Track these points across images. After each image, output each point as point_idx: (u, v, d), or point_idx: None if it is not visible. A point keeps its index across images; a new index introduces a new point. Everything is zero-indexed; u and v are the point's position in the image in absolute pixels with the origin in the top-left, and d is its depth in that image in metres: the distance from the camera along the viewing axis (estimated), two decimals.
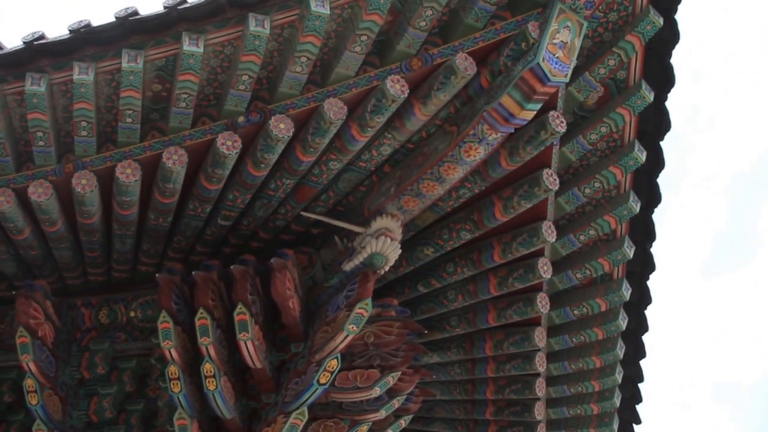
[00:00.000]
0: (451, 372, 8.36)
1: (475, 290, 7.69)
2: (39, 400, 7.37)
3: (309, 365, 7.12)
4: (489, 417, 8.76)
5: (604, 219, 7.60)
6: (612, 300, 8.06)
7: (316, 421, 7.45)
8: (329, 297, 7.39)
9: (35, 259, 7.54)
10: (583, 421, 9.07)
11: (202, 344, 6.99)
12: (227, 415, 7.18)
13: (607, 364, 8.52)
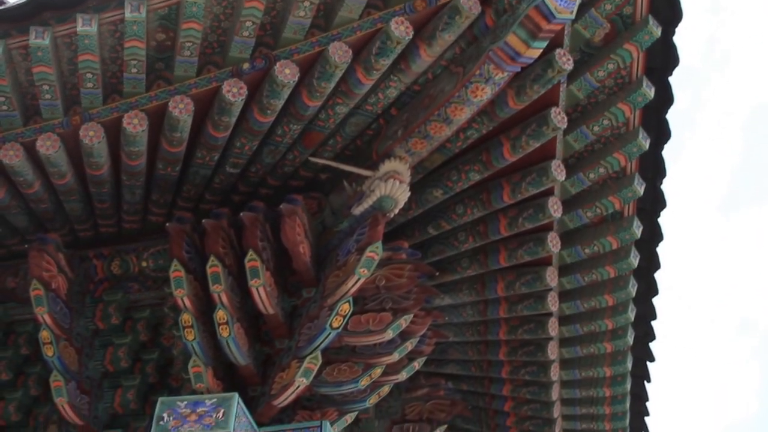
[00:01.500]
0: (463, 313, 8.37)
1: (486, 231, 7.67)
2: (55, 351, 7.45)
3: (321, 310, 7.15)
4: (502, 357, 8.80)
5: (613, 156, 7.55)
6: (623, 238, 8.04)
7: (329, 365, 7.50)
8: (339, 241, 7.40)
9: (46, 213, 7.57)
10: (596, 359, 9.09)
11: (215, 292, 7.02)
12: (241, 362, 7.24)
13: (619, 302, 8.52)
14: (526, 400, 9.30)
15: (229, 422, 6.70)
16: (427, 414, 9.28)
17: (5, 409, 8.23)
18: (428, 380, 9.35)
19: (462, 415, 9.55)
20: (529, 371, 8.90)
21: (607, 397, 9.53)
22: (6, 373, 8.26)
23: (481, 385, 9.28)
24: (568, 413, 9.61)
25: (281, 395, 7.14)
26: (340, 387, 7.51)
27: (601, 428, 9.88)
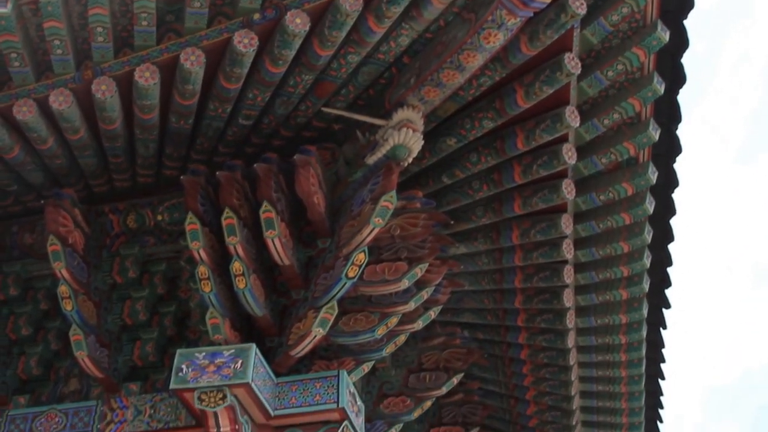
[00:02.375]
0: (478, 262, 8.37)
1: (500, 179, 7.65)
2: (74, 305, 7.50)
3: (336, 260, 7.17)
4: (518, 306, 8.81)
5: (628, 102, 7.49)
6: (638, 184, 8.01)
7: (346, 315, 7.54)
8: (354, 191, 7.40)
9: (61, 168, 7.59)
10: (612, 306, 9.10)
11: (230, 243, 7.04)
12: (258, 313, 7.28)
13: (635, 249, 8.50)
14: (541, 347, 9.33)
15: (248, 372, 6.76)
16: (444, 363, 9.31)
17: (26, 363, 8.32)
18: (444, 329, 9.38)
19: (478, 363, 9.60)
20: (545, 319, 8.91)
21: (622, 344, 9.55)
22: (26, 329, 8.34)
23: (497, 334, 9.31)
24: (584, 360, 9.64)
25: (298, 345, 7.19)
26: (357, 336, 7.55)
27: (616, 375, 9.91)
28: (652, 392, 10.77)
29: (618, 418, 10.59)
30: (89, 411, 7.85)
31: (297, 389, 7.27)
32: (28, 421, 7.96)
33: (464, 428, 10.06)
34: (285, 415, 7.20)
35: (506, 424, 10.78)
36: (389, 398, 9.16)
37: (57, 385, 8.33)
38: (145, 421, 7.64)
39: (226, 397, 6.70)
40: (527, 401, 10.18)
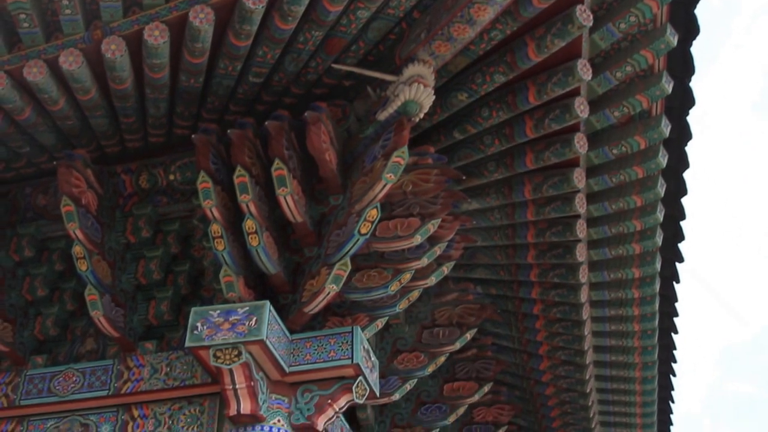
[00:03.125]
0: (490, 217, 8.36)
1: (512, 134, 7.61)
2: (88, 265, 7.55)
3: (349, 216, 7.18)
4: (530, 261, 8.81)
5: (640, 54, 7.40)
6: (651, 137, 7.95)
7: (359, 271, 7.57)
8: (365, 148, 7.39)
9: (72, 129, 7.59)
10: (624, 261, 9.08)
11: (242, 201, 7.05)
12: (271, 270, 7.31)
13: (648, 203, 8.46)
14: (554, 302, 9.33)
15: (262, 329, 6.80)
16: (457, 318, 9.34)
17: (43, 324, 8.40)
18: (457, 285, 9.40)
19: (491, 318, 9.61)
20: (558, 274, 8.90)
21: (635, 299, 9.54)
22: (42, 289, 8.40)
23: (510, 289, 9.31)
24: (597, 315, 9.64)
25: (312, 302, 7.22)
26: (370, 293, 7.59)
27: (629, 329, 9.92)
28: (665, 346, 10.78)
29: (631, 372, 10.61)
30: (106, 370, 7.94)
31: (311, 346, 7.31)
32: (46, 381, 8.06)
33: (477, 383, 10.10)
34: (300, 371, 7.26)
35: (519, 378, 10.83)
36: (403, 354, 9.21)
37: (74, 345, 8.42)
38: (162, 379, 7.72)
39: (241, 354, 6.76)
40: (540, 356, 10.22)
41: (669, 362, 11.27)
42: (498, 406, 10.97)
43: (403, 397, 9.60)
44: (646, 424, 11.81)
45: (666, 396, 11.89)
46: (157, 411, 7.68)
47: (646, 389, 11.05)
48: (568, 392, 10.78)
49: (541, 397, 11.06)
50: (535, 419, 11.70)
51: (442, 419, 9.95)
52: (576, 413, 11.28)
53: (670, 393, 11.93)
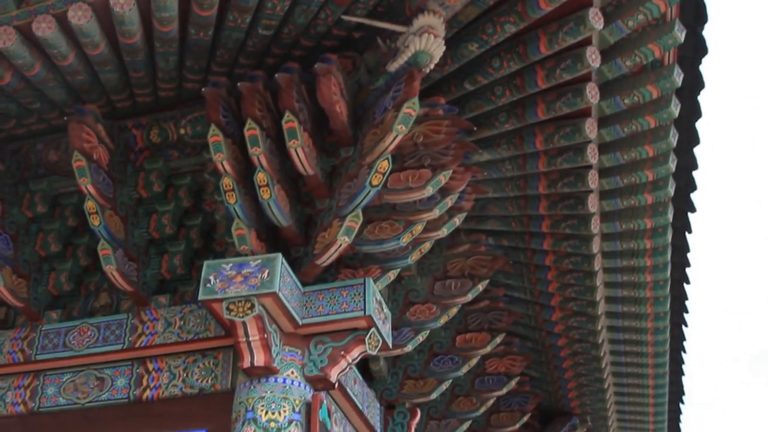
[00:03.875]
0: (502, 169, 8.33)
1: (523, 84, 7.54)
2: (101, 220, 7.58)
3: (360, 168, 7.16)
4: (542, 212, 8.79)
5: (652, 2, 7.27)
6: (663, 87, 7.87)
7: (371, 223, 7.58)
8: (376, 99, 7.35)
9: (82, 84, 7.57)
10: (636, 211, 9.04)
11: (253, 154, 7.04)
12: (283, 223, 7.32)
13: (660, 153, 8.41)
14: (566, 253, 9.32)
15: (274, 282, 6.83)
16: (469, 270, 9.35)
17: (57, 279, 8.45)
18: (469, 237, 9.39)
19: (503, 270, 9.61)
20: (570, 225, 8.88)
21: (647, 249, 9.52)
22: (55, 245, 8.45)
23: (522, 240, 9.31)
24: (609, 266, 9.63)
25: (324, 254, 7.23)
26: (382, 245, 7.60)
27: (642, 280, 9.91)
28: (678, 297, 10.78)
29: (643, 322, 10.62)
30: (120, 324, 8.00)
31: (324, 298, 7.34)
32: (61, 335, 8.13)
33: (490, 334, 10.14)
34: (312, 323, 7.30)
35: (531, 330, 10.86)
36: (415, 306, 9.25)
37: (88, 300, 8.49)
38: (176, 333, 7.78)
39: (254, 307, 6.79)
40: (552, 307, 10.23)
41: (681, 313, 11.28)
42: (510, 357, 11.02)
43: (415, 348, 9.65)
44: (658, 374, 11.84)
45: (678, 347, 11.92)
46: (172, 364, 7.76)
47: (658, 340, 11.07)
48: (580, 343, 10.81)
49: (553, 348, 11.10)
50: (547, 370, 11.75)
51: (454, 370, 10.00)
52: (588, 364, 11.32)
53: (682, 344, 11.95)
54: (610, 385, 11.88)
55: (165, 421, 7.52)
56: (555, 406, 12.80)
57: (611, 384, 11.87)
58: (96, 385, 7.91)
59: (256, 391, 7.07)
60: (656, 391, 12.23)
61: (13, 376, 8.22)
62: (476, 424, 11.76)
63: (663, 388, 12.22)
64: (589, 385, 11.94)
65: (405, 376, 9.99)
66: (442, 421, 10.83)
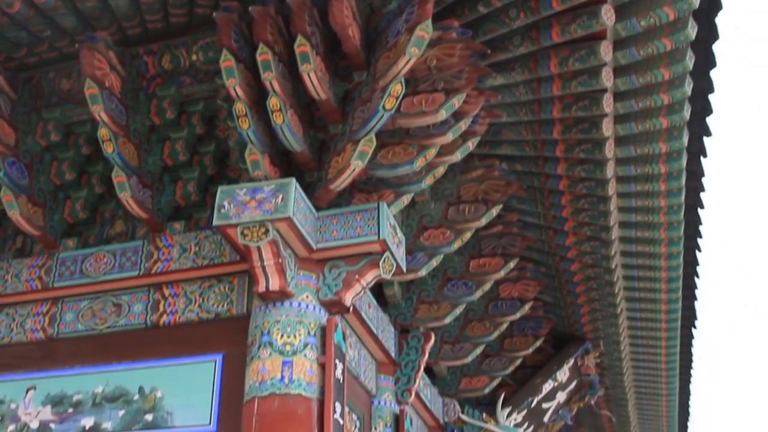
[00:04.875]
0: (516, 92, 8.25)
1: (537, 6, 7.40)
2: (114, 148, 7.59)
3: (373, 92, 7.12)
4: (556, 136, 8.73)
5: None
6: (680, 8, 7.71)
7: (384, 148, 7.56)
8: (389, 23, 7.28)
9: (93, 11, 7.52)
10: (651, 135, 8.96)
11: (266, 79, 6.99)
12: (296, 148, 7.31)
13: (676, 76, 8.30)
14: (580, 178, 9.28)
15: (288, 206, 6.84)
16: (482, 195, 9.34)
17: (72, 207, 8.51)
18: (482, 161, 9.36)
19: (517, 195, 9.59)
20: (584, 149, 8.83)
21: (662, 174, 9.47)
22: (69, 173, 8.48)
23: (536, 165, 9.27)
24: (623, 191, 9.59)
25: (337, 179, 7.24)
26: (396, 169, 7.59)
27: (656, 205, 9.88)
28: (692, 222, 10.75)
29: (657, 247, 10.61)
30: (136, 251, 8.06)
31: (338, 222, 7.37)
32: (78, 263, 8.21)
33: (503, 259, 10.17)
34: (327, 248, 7.33)
35: (545, 255, 10.88)
36: (429, 230, 9.27)
37: (103, 227, 8.55)
38: (191, 259, 7.83)
39: (268, 232, 6.81)
40: (566, 232, 10.22)
41: (695, 238, 11.25)
42: (523, 282, 11.07)
43: (429, 273, 9.70)
44: (671, 299, 11.87)
45: (691, 272, 11.92)
46: (188, 289, 7.83)
47: (672, 265, 11.07)
48: (594, 268, 10.83)
49: (566, 273, 11.12)
50: (560, 295, 11.80)
51: (468, 295, 10.06)
52: (601, 289, 11.35)
53: (695, 269, 11.95)
54: (622, 310, 11.92)
55: (182, 345, 7.62)
56: (568, 330, 12.89)
57: (624, 309, 11.91)
58: (113, 311, 8.00)
59: (271, 315, 7.14)
60: (669, 315, 12.26)
61: (32, 304, 8.33)
62: (489, 348, 11.87)
63: (675, 312, 12.25)
64: (601, 310, 12.00)
65: (419, 301, 10.06)
66: (455, 346, 10.93)
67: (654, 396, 15.20)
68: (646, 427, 17.08)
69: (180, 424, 7.36)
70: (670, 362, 13.75)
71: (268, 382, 6.88)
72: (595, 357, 13.35)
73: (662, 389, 14.83)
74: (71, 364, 7.94)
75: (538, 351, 12.56)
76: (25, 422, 7.85)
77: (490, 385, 12.04)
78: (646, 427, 17.04)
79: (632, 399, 15.28)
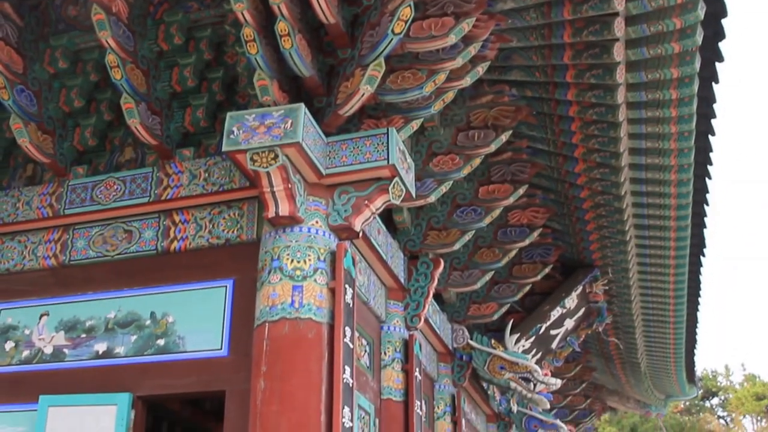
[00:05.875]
0: (526, 17, 8.13)
1: None
2: (123, 74, 7.56)
3: (383, 16, 7.06)
4: (567, 61, 8.63)
5: None
6: None
7: (393, 73, 7.52)
8: None
9: None
10: (663, 60, 8.85)
11: (274, 3, 6.89)
12: (305, 73, 7.26)
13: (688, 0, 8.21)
14: (591, 104, 9.21)
15: (298, 132, 6.83)
16: (492, 120, 9.31)
17: (81, 135, 8.52)
18: (492, 87, 9.30)
19: (526, 121, 9.55)
20: (595, 74, 8.73)
21: (673, 100, 9.38)
22: (78, 101, 8.48)
23: (546, 91, 9.18)
24: (634, 117, 9.52)
25: (347, 104, 7.21)
26: (405, 94, 7.54)
27: (666, 131, 9.80)
28: (702, 149, 10.68)
29: (666, 174, 10.57)
30: (146, 177, 8.10)
31: (347, 148, 7.35)
32: (89, 190, 8.24)
33: (512, 186, 10.16)
34: (336, 173, 7.33)
35: (554, 182, 10.86)
36: (438, 156, 9.26)
37: (113, 155, 8.58)
38: (200, 185, 7.85)
39: (277, 157, 6.81)
40: (575, 159, 10.18)
41: (705, 165, 11.20)
42: (533, 209, 11.09)
43: (438, 199, 9.71)
44: (680, 226, 11.85)
45: (701, 199, 11.88)
46: (198, 216, 7.87)
47: (681, 192, 11.03)
48: (603, 195, 10.81)
49: (575, 200, 11.11)
50: (569, 222, 11.80)
51: (477, 221, 10.09)
52: (610, 216, 11.34)
53: (705, 196, 11.91)
54: (631, 237, 11.93)
55: (193, 271, 7.68)
56: (576, 257, 12.93)
57: (633, 236, 11.91)
58: (124, 238, 8.05)
59: (281, 240, 7.18)
60: (677, 243, 12.25)
61: (43, 231, 8.39)
62: (498, 275, 11.94)
63: (684, 240, 12.24)
64: (610, 237, 12.01)
65: (428, 227, 10.09)
66: (464, 272, 11.00)
67: (661, 323, 15.27)
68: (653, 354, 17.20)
69: (192, 349, 7.46)
70: (678, 290, 13.79)
71: (279, 307, 6.95)
72: (604, 284, 13.40)
73: (670, 317, 14.90)
74: (83, 290, 8.02)
75: (546, 278, 12.63)
76: (39, 347, 7.96)
77: (499, 312, 12.14)
78: (653, 354, 17.16)
79: (640, 326, 15.36)
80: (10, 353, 8.05)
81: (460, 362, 11.74)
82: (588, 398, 19.57)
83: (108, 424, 7.28)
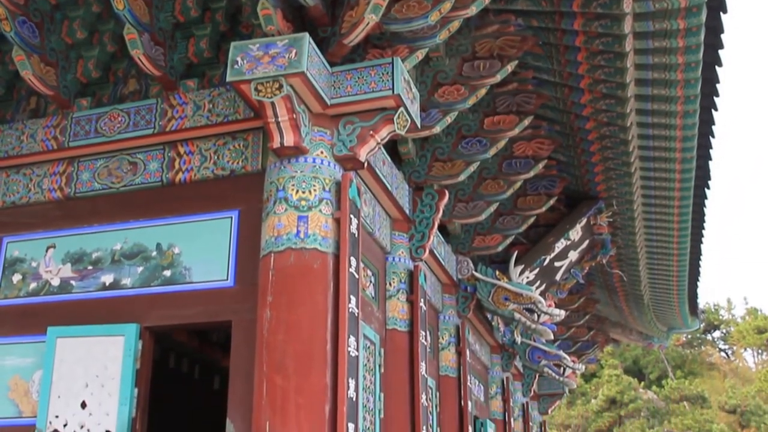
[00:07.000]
0: None
1: None
2: (125, 4, 7.48)
3: None
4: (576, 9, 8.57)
5: None
6: None
7: (398, 2, 7.45)
8: None
9: None
10: (670, 13, 8.77)
11: None
12: (309, 2, 7.18)
13: None
14: (597, 34, 9.11)
15: (302, 61, 6.78)
16: (498, 50, 9.23)
17: (84, 66, 8.48)
18: (498, 17, 9.20)
19: (532, 51, 9.46)
20: (601, 3, 8.61)
21: (680, 30, 9.28)
22: (81, 32, 8.41)
23: (552, 20, 9.08)
24: (641, 47, 9.43)
25: (351, 33, 7.16)
26: (410, 23, 7.47)
27: (673, 62, 9.73)
28: (709, 80, 10.59)
29: (672, 106, 10.51)
30: (150, 109, 8.08)
31: (352, 78, 7.31)
32: (93, 122, 8.23)
33: (518, 117, 10.12)
34: (341, 103, 7.30)
35: (559, 113, 10.81)
36: (443, 87, 9.20)
37: (117, 86, 8.54)
38: (205, 116, 7.84)
39: (282, 87, 6.78)
40: (581, 89, 10.11)
41: (712, 97, 11.11)
42: (538, 140, 11.05)
43: (443, 131, 9.68)
44: (685, 158, 11.81)
45: (707, 131, 11.82)
46: (202, 147, 7.86)
47: (687, 123, 10.97)
48: (609, 126, 10.76)
49: (581, 132, 11.06)
50: (574, 154, 11.77)
51: (482, 152, 10.06)
52: (615, 147, 11.30)
53: (711, 128, 11.85)
54: (636, 169, 11.90)
55: (198, 202, 7.70)
56: (581, 189, 12.92)
57: (638, 168, 11.89)
58: (129, 170, 8.06)
59: (286, 171, 7.17)
60: (682, 175, 12.23)
61: (48, 163, 8.40)
62: (503, 206, 11.96)
63: (689, 172, 12.21)
64: (615, 169, 11.98)
65: (433, 159, 10.07)
66: (469, 204, 11.01)
67: (665, 256, 15.31)
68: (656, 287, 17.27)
69: (198, 280, 7.50)
70: (682, 222, 13.79)
71: (284, 237, 6.97)
72: (608, 216, 13.41)
73: (673, 249, 14.93)
74: (89, 222, 8.05)
75: (551, 210, 12.65)
76: (46, 279, 8.01)
77: (503, 243, 12.18)
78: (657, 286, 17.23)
79: (643, 258, 15.41)
80: (17, 286, 8.11)
81: (465, 293, 11.81)
82: (591, 330, 19.71)
83: (116, 354, 7.36)
